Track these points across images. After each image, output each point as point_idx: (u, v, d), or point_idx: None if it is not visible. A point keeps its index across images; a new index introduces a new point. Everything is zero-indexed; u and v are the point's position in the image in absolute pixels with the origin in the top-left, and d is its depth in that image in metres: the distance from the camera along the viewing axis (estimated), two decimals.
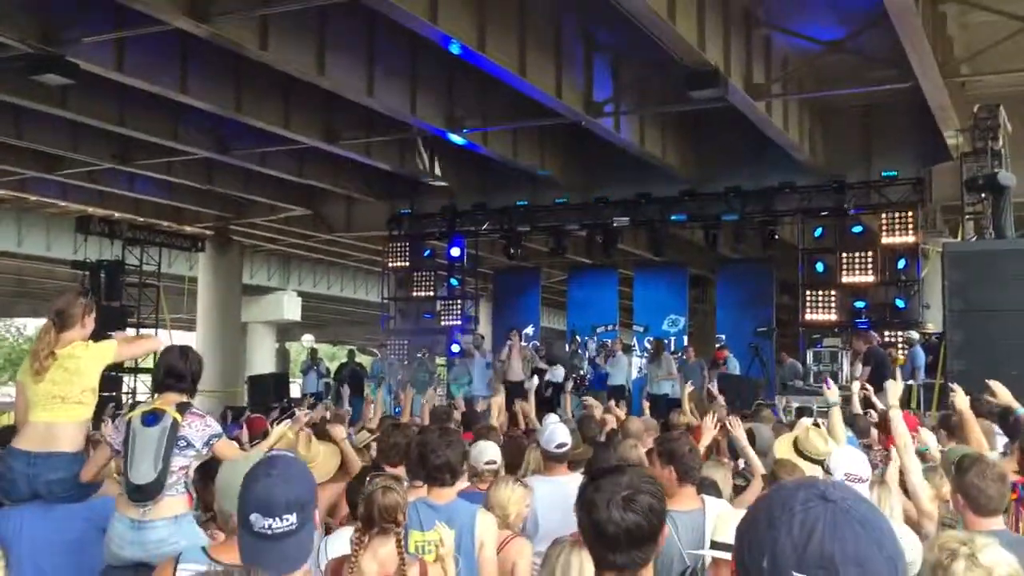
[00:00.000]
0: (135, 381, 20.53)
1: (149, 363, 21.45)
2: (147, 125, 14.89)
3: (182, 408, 4.13)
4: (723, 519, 3.01)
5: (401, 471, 4.75)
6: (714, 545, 2.94)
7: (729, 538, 2.41)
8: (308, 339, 21.34)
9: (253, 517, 2.27)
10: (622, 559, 2.10)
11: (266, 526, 2.25)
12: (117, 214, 21.03)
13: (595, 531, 2.09)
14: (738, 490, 5.23)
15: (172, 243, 21.34)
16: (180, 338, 27.65)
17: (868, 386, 8.19)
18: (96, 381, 4.41)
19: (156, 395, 4.38)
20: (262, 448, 4.64)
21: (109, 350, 4.49)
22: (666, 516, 2.15)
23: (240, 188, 19.44)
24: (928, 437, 5.34)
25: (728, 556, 2.25)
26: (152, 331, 19.74)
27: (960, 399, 5.49)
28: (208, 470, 4.22)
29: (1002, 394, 6.22)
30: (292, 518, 2.26)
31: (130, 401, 18.42)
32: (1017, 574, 2.55)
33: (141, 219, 21.42)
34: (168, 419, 4.05)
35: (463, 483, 4.44)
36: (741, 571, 1.28)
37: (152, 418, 4.07)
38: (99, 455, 4.34)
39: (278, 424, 5.05)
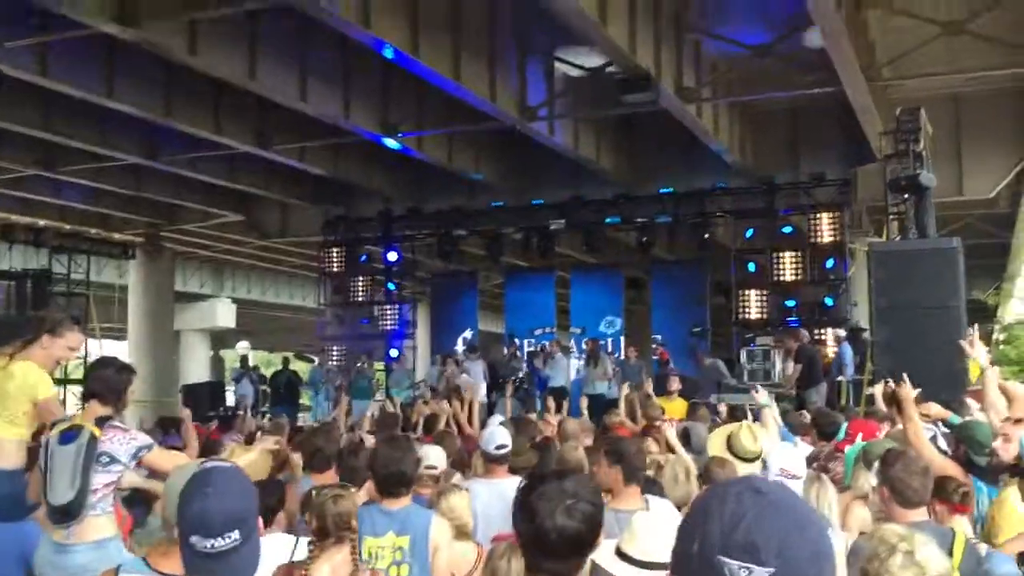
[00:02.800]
0: (64, 393, 19.98)
1: (78, 374, 20.95)
2: (73, 131, 14.53)
3: (101, 422, 3.98)
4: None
5: (329, 476, 4.74)
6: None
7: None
8: (243, 346, 21.05)
9: (194, 539, 2.20)
10: (558, 566, 2.12)
11: (208, 546, 2.18)
12: (43, 222, 20.46)
13: (535, 537, 2.10)
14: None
15: (101, 251, 20.85)
16: (111, 348, 27.02)
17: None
18: (28, 406, 4.28)
19: (83, 408, 4.28)
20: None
21: (40, 387, 4.33)
22: (602, 522, 2.17)
23: (171, 194, 19.07)
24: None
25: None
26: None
27: (904, 391, 5.52)
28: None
29: (937, 413, 5.98)
30: (234, 534, 2.20)
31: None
32: (948, 574, 2.65)
33: (68, 227, 20.88)
34: (86, 435, 3.89)
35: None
36: (675, 559, 1.34)
37: (69, 435, 3.92)
38: (34, 475, 4.21)
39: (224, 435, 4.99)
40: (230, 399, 20.89)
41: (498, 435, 5.07)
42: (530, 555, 2.16)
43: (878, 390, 5.65)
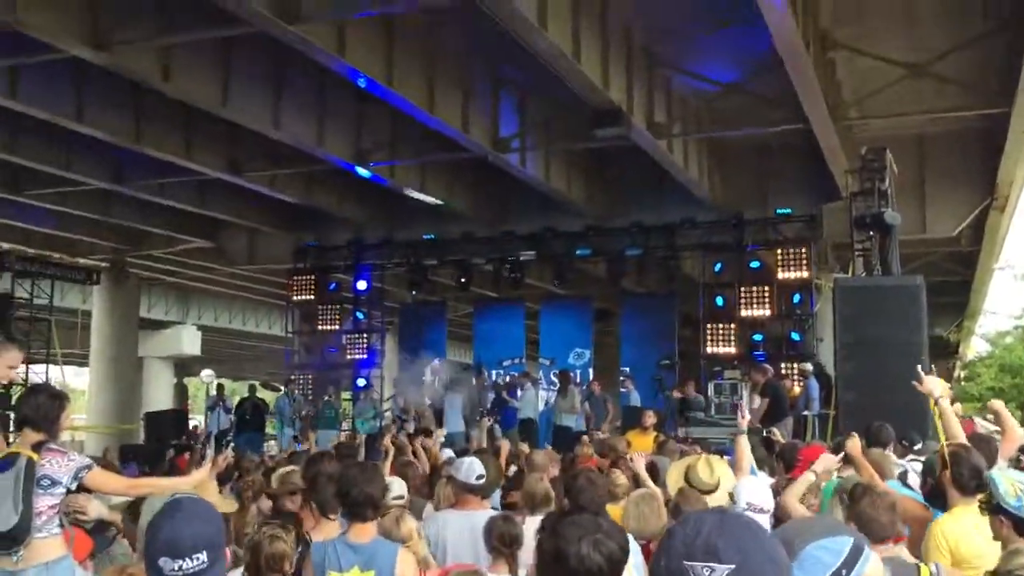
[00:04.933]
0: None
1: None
2: (39, 154, 14.40)
3: (38, 447, 4.02)
4: None
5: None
6: None
7: None
8: (208, 374, 20.75)
9: (162, 561, 2.24)
10: None
11: (176, 567, 2.22)
12: (6, 245, 20.17)
13: (555, 558, 2.11)
14: None
15: (65, 275, 20.54)
16: (73, 374, 26.58)
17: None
18: None
19: (18, 435, 4.29)
20: (165, 484, 4.53)
21: None
22: (623, 570, 2.16)
23: (138, 219, 18.91)
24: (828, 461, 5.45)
25: None
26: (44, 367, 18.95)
27: (852, 444, 5.66)
28: (134, 511, 4.12)
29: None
30: (202, 556, 2.24)
31: None
32: None
33: (32, 251, 20.60)
34: (22, 460, 3.94)
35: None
36: None
37: (5, 463, 3.96)
38: None
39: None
40: (197, 427, 20.62)
41: (476, 466, 5.04)
42: None
43: (852, 443, 5.70)
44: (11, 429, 15.02)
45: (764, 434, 11.80)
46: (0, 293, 18.90)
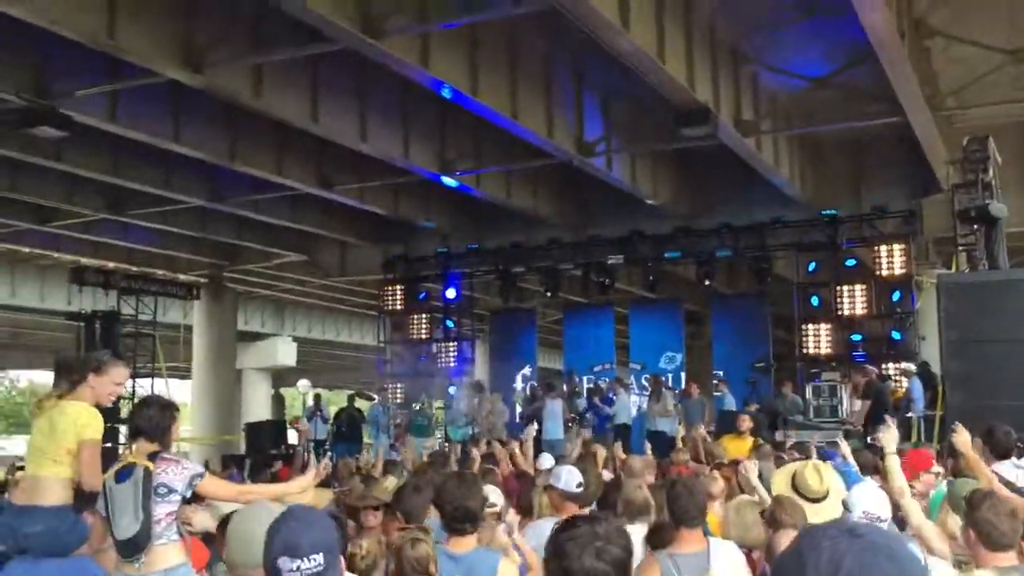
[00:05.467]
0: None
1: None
2: (140, 175, 14.95)
3: (152, 457, 4.12)
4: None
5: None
6: None
7: None
8: (304, 384, 21.22)
9: (281, 561, 2.31)
10: None
11: (294, 567, 2.30)
12: (111, 264, 21.01)
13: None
14: None
15: (167, 291, 21.24)
16: (176, 387, 27.51)
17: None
18: (73, 444, 4.36)
19: (131, 445, 4.42)
20: (274, 490, 4.63)
21: (89, 429, 4.41)
22: (631, 568, 2.20)
23: (234, 235, 19.47)
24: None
25: None
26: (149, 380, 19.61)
27: (961, 439, 5.43)
28: (225, 522, 4.21)
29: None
30: (319, 558, 2.31)
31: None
32: None
33: (135, 268, 21.42)
34: (139, 470, 4.05)
35: None
36: None
37: (124, 474, 4.08)
38: (96, 526, 4.35)
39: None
40: (291, 437, 21.06)
41: (576, 474, 5.01)
42: None
43: (960, 438, 5.46)
44: (121, 441, 15.67)
45: (867, 439, 11.47)
46: (107, 311, 19.65)
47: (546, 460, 8.08)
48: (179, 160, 14.33)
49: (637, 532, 4.55)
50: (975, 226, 11.51)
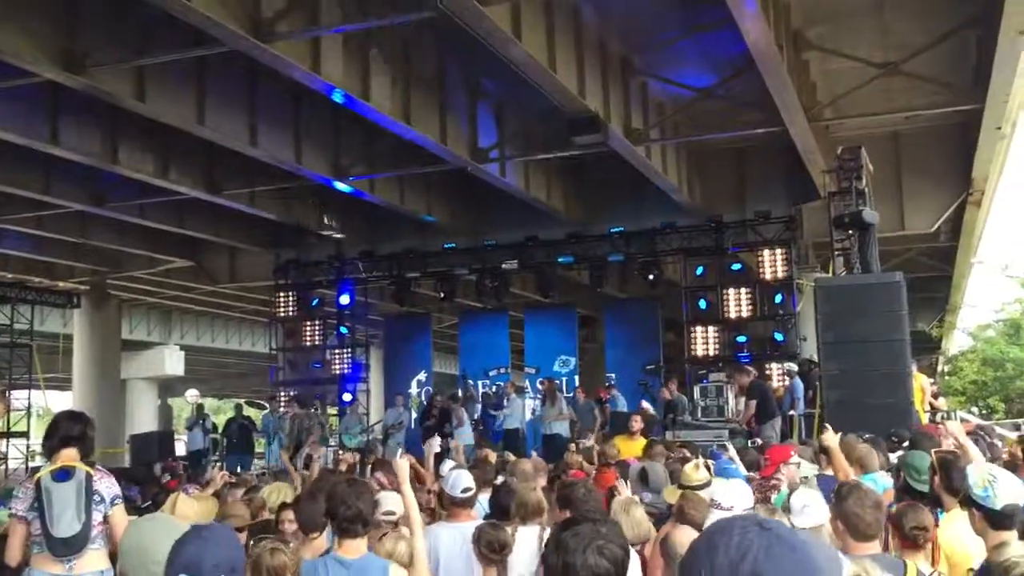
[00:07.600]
0: (7, 446, 19.49)
1: (22, 426, 20.39)
2: (14, 178, 14.27)
3: (90, 465, 4.25)
4: None
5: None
6: None
7: None
8: (193, 394, 20.65)
9: None
10: None
11: None
12: None
13: (564, 572, 2.17)
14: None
15: (45, 300, 20.41)
16: (55, 398, 26.35)
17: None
18: None
19: (52, 457, 4.37)
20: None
21: None
22: (628, 569, 2.24)
23: (117, 241, 18.79)
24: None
25: None
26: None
27: (828, 437, 5.76)
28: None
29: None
30: None
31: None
32: None
33: (10, 276, 20.45)
34: (82, 473, 4.14)
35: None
36: None
37: (63, 474, 4.13)
38: (14, 534, 4.23)
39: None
40: (179, 448, 20.48)
41: (463, 479, 5.06)
42: None
43: (828, 436, 5.81)
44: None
45: (750, 438, 11.88)
46: None
47: (447, 465, 8.10)
48: (58, 162, 13.74)
49: (531, 534, 4.64)
50: (850, 232, 12.09)
